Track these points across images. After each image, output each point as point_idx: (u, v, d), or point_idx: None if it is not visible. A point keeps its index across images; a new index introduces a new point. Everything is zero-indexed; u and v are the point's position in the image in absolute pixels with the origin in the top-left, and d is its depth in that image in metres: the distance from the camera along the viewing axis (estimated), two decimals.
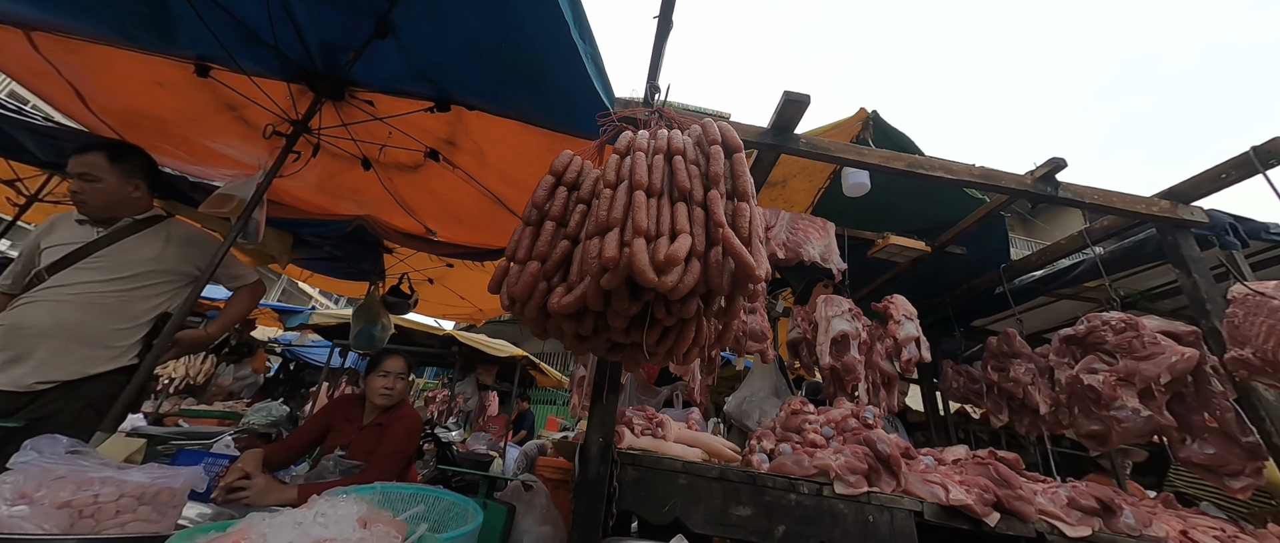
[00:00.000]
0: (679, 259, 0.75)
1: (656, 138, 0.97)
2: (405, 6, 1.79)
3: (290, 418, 6.00)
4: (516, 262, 1.02)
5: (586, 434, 1.26)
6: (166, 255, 1.74)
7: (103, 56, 2.08)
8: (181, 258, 1.79)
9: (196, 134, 2.49)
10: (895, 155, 1.73)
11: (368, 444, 1.88)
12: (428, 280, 4.24)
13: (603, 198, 0.87)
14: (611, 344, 1.01)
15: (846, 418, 1.64)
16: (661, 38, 1.48)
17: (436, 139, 2.51)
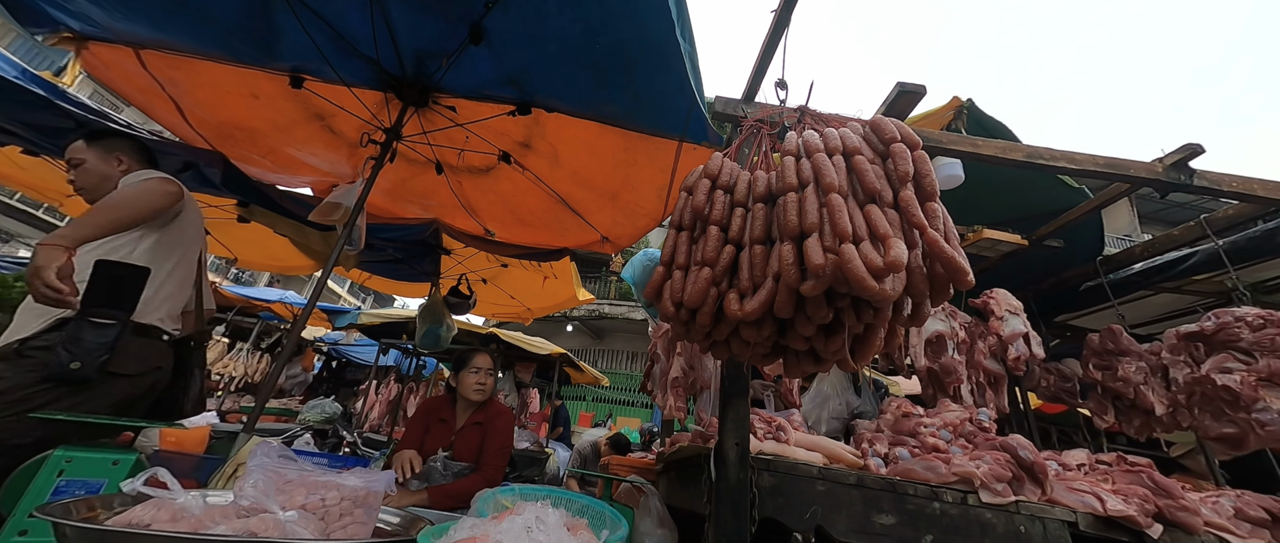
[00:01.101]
0: (901, 265, 0.72)
1: (826, 137, 0.94)
2: (501, 10, 1.80)
3: (344, 415, 6.22)
4: (678, 267, 1.01)
5: (721, 438, 1.25)
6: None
7: (204, 72, 2.16)
8: None
9: (284, 143, 2.57)
10: (1011, 146, 1.65)
11: (471, 443, 1.92)
12: (482, 280, 4.30)
13: (789, 201, 0.85)
14: (775, 349, 0.99)
15: (963, 422, 1.58)
16: (777, 33, 1.45)
17: (512, 142, 2.54)
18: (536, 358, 7.09)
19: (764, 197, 1.01)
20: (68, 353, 1.27)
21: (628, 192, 2.63)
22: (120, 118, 2.41)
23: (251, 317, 7.11)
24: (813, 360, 0.94)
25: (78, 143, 1.57)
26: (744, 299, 0.91)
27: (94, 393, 1.34)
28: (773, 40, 1.46)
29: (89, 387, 1.33)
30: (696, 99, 1.89)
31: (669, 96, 1.96)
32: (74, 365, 1.27)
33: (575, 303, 4.44)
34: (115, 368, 1.36)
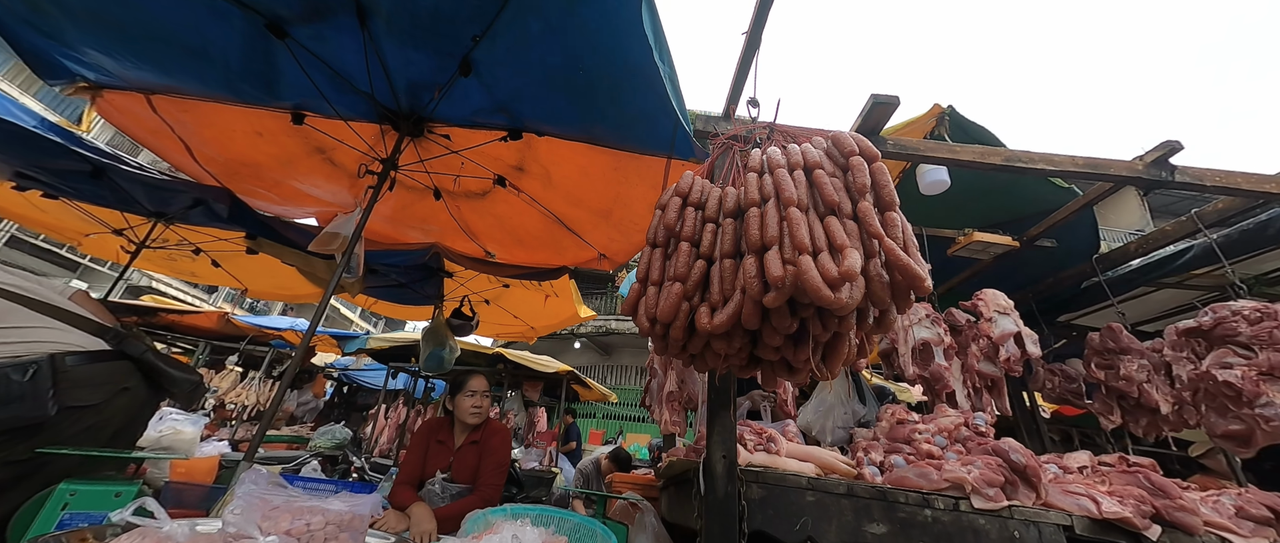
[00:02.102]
0: (855, 274, 0.74)
1: (788, 153, 0.98)
2: (488, 43, 1.88)
3: (354, 441, 6.24)
4: (652, 283, 1.04)
5: (708, 452, 1.26)
6: None
7: (211, 113, 2.27)
8: None
9: (287, 176, 2.66)
10: (990, 150, 1.67)
11: (469, 463, 1.93)
12: (484, 301, 4.36)
13: (752, 217, 0.88)
14: (751, 360, 1.01)
15: (958, 427, 1.57)
16: (749, 54, 1.50)
17: (506, 166, 2.61)
18: (544, 376, 7.09)
19: (733, 212, 1.04)
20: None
21: (621, 209, 2.68)
22: (133, 160, 2.54)
23: (264, 345, 7.23)
24: (786, 370, 0.96)
25: None
26: (714, 313, 0.94)
27: (54, 429, 1.29)
28: (746, 60, 1.51)
29: (50, 427, 1.28)
30: (680, 118, 1.95)
31: (654, 117, 2.01)
32: (11, 412, 1.20)
33: (577, 320, 4.47)
34: (73, 401, 1.32)
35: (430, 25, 1.81)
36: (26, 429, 1.27)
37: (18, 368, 1.25)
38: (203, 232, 3.23)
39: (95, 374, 1.40)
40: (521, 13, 1.74)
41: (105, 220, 3.08)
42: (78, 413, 1.36)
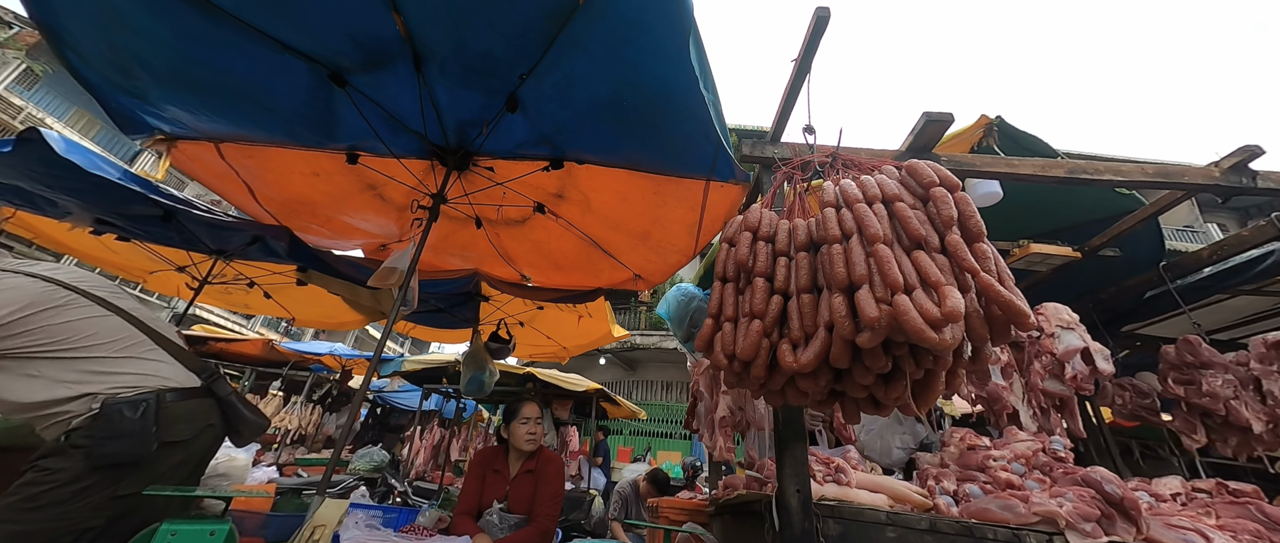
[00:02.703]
0: (960, 315, 0.73)
1: (864, 185, 0.97)
2: (534, 80, 1.94)
3: (392, 463, 6.35)
4: (727, 320, 1.04)
5: (781, 485, 1.23)
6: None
7: (273, 157, 2.41)
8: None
9: (340, 212, 2.79)
10: (1051, 163, 1.63)
11: (525, 493, 1.94)
12: (519, 323, 4.42)
13: (834, 254, 0.87)
14: (831, 395, 1.00)
15: (1036, 453, 1.50)
16: (799, 80, 1.51)
17: (546, 194, 2.67)
18: (573, 395, 7.10)
19: (806, 245, 1.04)
20: (111, 438, 1.25)
21: (659, 231, 2.70)
22: (201, 204, 2.70)
23: (304, 370, 7.48)
24: (872, 406, 0.94)
25: None
26: (797, 350, 0.93)
27: (149, 467, 1.33)
28: (795, 86, 1.52)
29: (146, 463, 1.32)
30: (722, 143, 1.96)
31: (695, 142, 2.04)
32: (117, 449, 1.25)
33: (610, 340, 4.48)
34: (173, 437, 1.36)
35: (481, 67, 1.89)
36: (128, 465, 1.30)
37: (131, 404, 1.30)
38: (258, 266, 3.40)
39: (187, 411, 1.43)
40: (568, 51, 1.79)
41: (170, 259, 3.27)
42: (170, 449, 1.39)
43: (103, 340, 1.37)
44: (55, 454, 1.26)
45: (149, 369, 1.40)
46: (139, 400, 1.32)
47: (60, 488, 1.21)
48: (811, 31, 1.36)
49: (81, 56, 1.76)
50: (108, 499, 1.28)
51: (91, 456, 1.24)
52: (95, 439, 1.24)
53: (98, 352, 1.36)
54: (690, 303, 3.04)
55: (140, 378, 1.38)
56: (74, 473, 1.23)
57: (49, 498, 1.20)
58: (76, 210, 2.60)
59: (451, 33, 1.75)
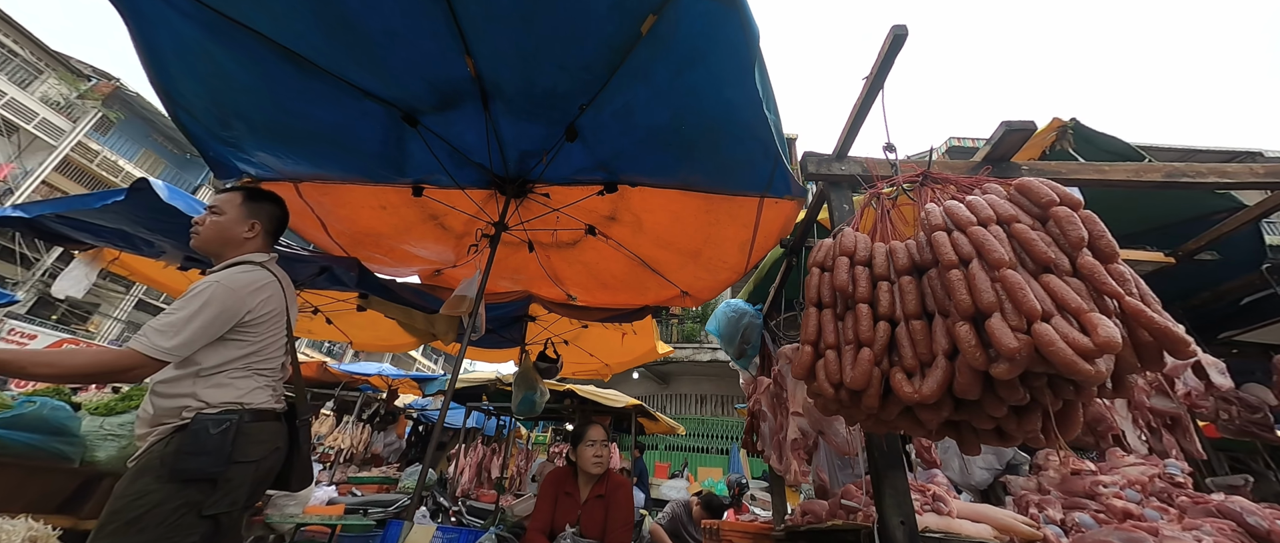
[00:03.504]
0: (1116, 345, 0.70)
1: (975, 207, 0.96)
2: (593, 111, 2.01)
3: (440, 481, 6.47)
4: (828, 347, 1.03)
5: (883, 516, 1.19)
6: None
7: (345, 193, 2.56)
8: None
9: (402, 242, 2.92)
10: (1145, 167, 1.55)
11: (597, 518, 1.95)
12: (563, 342, 4.48)
13: (955, 280, 0.86)
14: (947, 424, 0.97)
15: (1151, 478, 1.40)
16: (871, 97, 1.50)
17: (599, 217, 2.72)
18: (611, 411, 7.11)
19: (908, 269, 1.03)
20: (193, 455, 1.27)
21: (710, 249, 2.71)
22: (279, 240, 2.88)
23: (354, 391, 7.77)
24: (997, 438, 0.91)
25: (232, 194, 1.55)
26: (913, 378, 0.91)
27: (226, 487, 1.34)
28: (866, 103, 1.52)
29: (222, 481, 1.32)
30: (782, 160, 1.97)
31: (753, 161, 2.05)
32: (196, 464, 1.26)
33: (654, 356, 4.48)
34: (241, 457, 1.36)
35: (546, 101, 1.97)
36: (205, 482, 1.30)
37: (216, 422, 1.32)
38: (323, 294, 3.58)
39: (260, 432, 1.43)
40: (629, 80, 1.85)
41: None
42: (241, 468, 1.38)
43: (268, 354, 1.46)
44: (145, 471, 1.27)
45: (251, 386, 1.44)
46: (224, 419, 1.33)
47: (156, 508, 1.22)
48: (887, 50, 1.35)
49: (189, 113, 1.94)
50: (197, 518, 1.28)
51: (173, 469, 1.25)
52: (179, 454, 1.27)
53: (262, 367, 1.45)
54: (741, 319, 3.02)
55: (235, 391, 1.40)
56: (163, 492, 1.24)
57: (154, 517, 1.22)
58: (170, 249, 2.82)
59: (520, 72, 1.84)
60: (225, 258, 1.53)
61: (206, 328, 1.30)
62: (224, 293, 1.36)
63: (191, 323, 1.28)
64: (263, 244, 1.61)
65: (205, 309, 1.30)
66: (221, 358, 1.39)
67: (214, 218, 1.52)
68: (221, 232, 1.51)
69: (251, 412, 1.41)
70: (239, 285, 1.40)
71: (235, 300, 1.37)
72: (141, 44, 1.65)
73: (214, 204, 1.53)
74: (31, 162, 15.06)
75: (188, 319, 1.27)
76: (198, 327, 1.28)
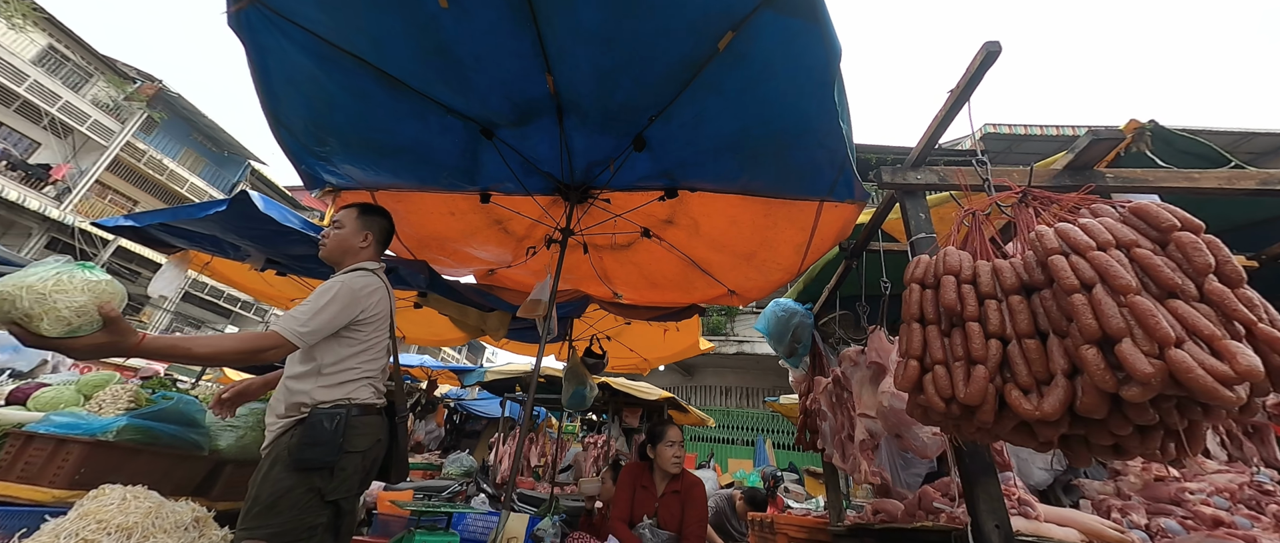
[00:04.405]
0: (1259, 373, 0.75)
1: (1092, 230, 0.99)
2: (662, 121, 2.07)
3: (482, 469, 6.74)
4: (936, 363, 1.09)
5: (977, 520, 1.26)
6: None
7: (417, 200, 2.70)
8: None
9: (466, 245, 3.06)
10: (1238, 173, 1.54)
11: (673, 512, 2.06)
12: (606, 337, 4.61)
13: (1078, 305, 0.90)
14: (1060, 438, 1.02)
15: (1241, 486, 1.42)
16: (954, 109, 1.53)
17: (656, 220, 2.80)
18: (643, 403, 7.26)
19: (1016, 288, 1.07)
20: (311, 446, 1.41)
21: (765, 250, 2.76)
22: None
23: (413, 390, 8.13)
24: (1113, 453, 0.96)
25: (350, 210, 1.71)
26: (1029, 395, 0.97)
27: (341, 474, 1.47)
28: (948, 115, 1.54)
29: (338, 469, 1.46)
30: (848, 167, 2.00)
31: (819, 168, 2.08)
32: (313, 454, 1.40)
33: (695, 352, 4.57)
34: (350, 447, 1.49)
35: (619, 115, 2.04)
36: (321, 470, 1.44)
37: (329, 416, 1.46)
38: None
39: (365, 425, 1.56)
40: (701, 93, 1.90)
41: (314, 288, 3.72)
42: (351, 457, 1.51)
43: (377, 354, 1.61)
44: (277, 462, 1.43)
45: (358, 383, 1.56)
46: (335, 413, 1.47)
47: (288, 491, 1.39)
48: (978, 65, 1.38)
49: (289, 131, 2.08)
50: (321, 502, 1.43)
51: (296, 459, 1.40)
52: (300, 445, 1.42)
53: (370, 366, 1.59)
54: (791, 319, 3.07)
55: (345, 389, 1.54)
56: (292, 480, 1.40)
57: (286, 501, 1.38)
58: (254, 253, 3.02)
59: (597, 89, 1.91)
60: (344, 265, 1.68)
61: (331, 320, 1.46)
62: (346, 293, 1.51)
63: (320, 314, 1.44)
64: (373, 253, 1.76)
65: (331, 304, 1.46)
66: (337, 355, 1.54)
67: (336, 231, 1.67)
68: (342, 243, 1.67)
69: (358, 406, 1.54)
70: (357, 287, 1.56)
71: (354, 300, 1.52)
72: (257, 72, 1.78)
73: (336, 219, 1.70)
74: (86, 161, 15.91)
75: (318, 311, 1.43)
76: (325, 318, 1.44)
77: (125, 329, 1.06)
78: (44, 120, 14.76)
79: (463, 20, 1.63)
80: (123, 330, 1.05)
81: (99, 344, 1.04)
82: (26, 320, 0.94)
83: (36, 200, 13.94)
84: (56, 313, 0.96)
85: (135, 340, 1.08)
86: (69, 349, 1.02)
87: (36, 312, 0.95)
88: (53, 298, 0.96)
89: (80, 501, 1.25)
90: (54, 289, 0.97)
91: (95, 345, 1.03)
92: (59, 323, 0.97)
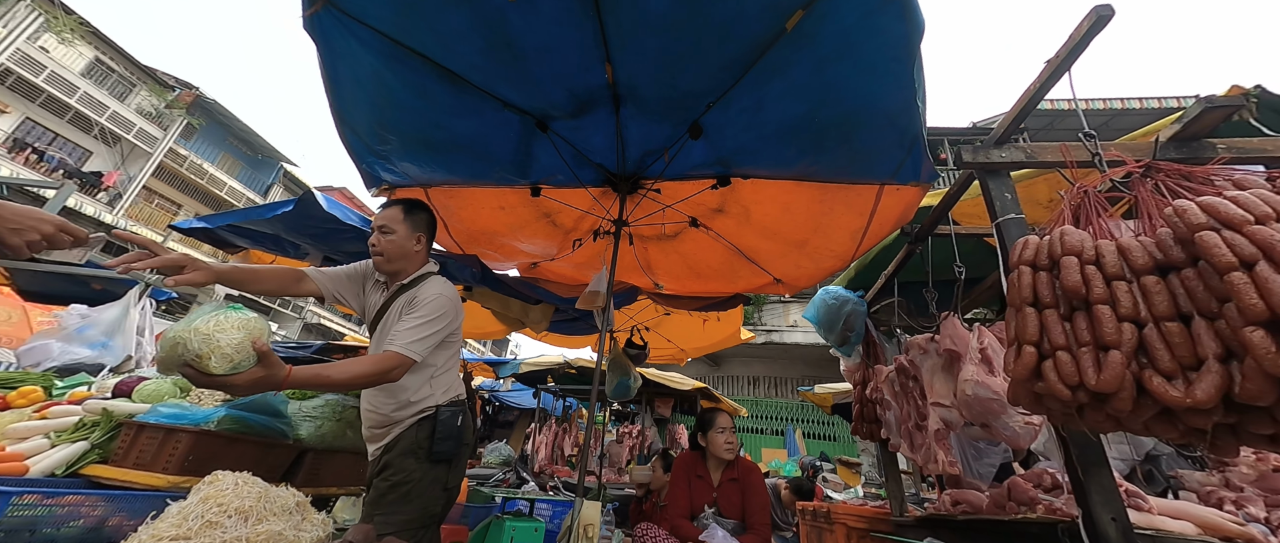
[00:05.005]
0: None
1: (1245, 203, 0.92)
2: (721, 108, 2.02)
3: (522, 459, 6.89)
4: (1059, 349, 1.03)
5: (1091, 512, 1.20)
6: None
7: (469, 196, 2.73)
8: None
9: (514, 239, 3.09)
10: None
11: (733, 500, 2.06)
12: (645, 328, 4.61)
13: (1239, 283, 0.84)
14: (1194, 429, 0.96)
15: None
16: (1050, 82, 1.44)
17: (706, 209, 2.76)
18: (675, 393, 7.28)
19: (1149, 268, 1.01)
20: (443, 440, 1.53)
21: (819, 237, 2.69)
22: None
23: None
24: (1270, 444, 0.89)
25: (395, 210, 1.68)
26: (1174, 381, 0.91)
27: (458, 465, 1.63)
28: (1043, 88, 1.46)
29: (456, 460, 1.61)
30: (917, 148, 1.92)
31: (885, 151, 2.01)
32: (445, 448, 1.53)
33: (736, 341, 4.53)
34: (466, 440, 1.64)
35: (678, 102, 2.00)
36: (448, 462, 1.57)
37: (451, 412, 1.59)
38: None
39: (469, 420, 1.70)
40: (764, 76, 1.84)
41: None
42: (465, 449, 1.65)
43: (458, 350, 1.73)
44: (408, 454, 1.54)
45: (457, 381, 1.71)
46: (455, 411, 1.61)
47: (420, 481, 1.51)
48: (1086, 31, 1.29)
49: (354, 131, 2.12)
50: (442, 490, 1.57)
51: (432, 453, 1.52)
52: (434, 439, 1.54)
53: (456, 362, 1.71)
54: (843, 307, 3.00)
55: (458, 387, 1.70)
56: (423, 470, 1.52)
57: (418, 490, 1.50)
58: (312, 250, 3.11)
59: (658, 77, 1.88)
60: (404, 271, 1.71)
61: (440, 334, 1.53)
62: (451, 305, 1.59)
63: (434, 331, 1.50)
64: (427, 252, 1.78)
65: (440, 318, 1.52)
66: (442, 357, 1.65)
67: (388, 238, 1.66)
68: (399, 248, 1.67)
69: (463, 403, 1.68)
70: (453, 295, 1.64)
71: (454, 309, 1.61)
72: (327, 72, 1.81)
73: (382, 224, 1.66)
74: (133, 167, 16.72)
75: (431, 328, 1.49)
76: (436, 332, 1.50)
77: (276, 363, 1.09)
78: (94, 130, 15.56)
79: (529, 12, 1.62)
80: (274, 364, 1.09)
81: (257, 379, 1.07)
82: (197, 361, 0.98)
83: (91, 206, 14.76)
84: (221, 351, 1.00)
85: (284, 374, 1.11)
86: (230, 386, 1.04)
87: (205, 351, 0.99)
88: (216, 338, 1.00)
89: (196, 486, 1.31)
90: (215, 329, 1.01)
91: (253, 381, 1.06)
92: (224, 361, 1.01)
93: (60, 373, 2.28)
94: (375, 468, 1.58)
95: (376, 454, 1.60)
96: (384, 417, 1.57)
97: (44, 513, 1.26)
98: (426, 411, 1.56)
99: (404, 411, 1.56)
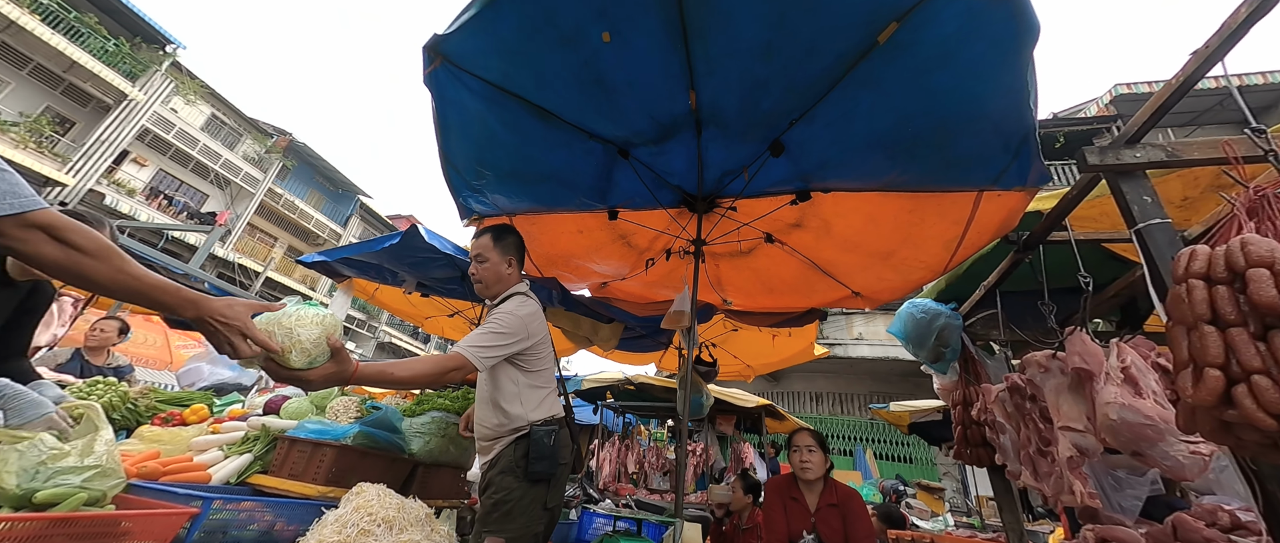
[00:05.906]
0: None
1: None
2: (804, 124, 2.00)
3: (587, 475, 6.97)
4: (1255, 372, 0.92)
5: None
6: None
7: (550, 222, 2.87)
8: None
9: (590, 261, 3.20)
10: None
11: (834, 527, 1.97)
12: (712, 344, 4.57)
13: None
14: None
15: None
16: (1199, 73, 1.31)
17: (782, 225, 2.72)
18: (738, 410, 7.10)
19: None
20: (538, 459, 1.57)
21: (907, 248, 2.57)
22: None
23: None
24: None
25: (485, 239, 1.79)
26: None
27: (557, 485, 1.66)
28: (1190, 80, 1.33)
29: (555, 481, 1.65)
30: (1029, 150, 1.80)
31: (986, 156, 1.90)
32: (541, 468, 1.56)
33: (808, 357, 4.38)
34: (563, 460, 1.67)
35: (761, 122, 2.02)
36: (545, 481, 1.62)
37: (546, 431, 1.63)
38: None
39: (564, 438, 1.72)
40: (852, 89, 1.81)
41: (452, 307, 4.11)
42: (563, 468, 1.68)
43: (549, 368, 1.77)
44: (507, 473, 1.60)
45: (552, 400, 1.75)
46: (549, 430, 1.64)
47: (520, 500, 1.56)
48: (1246, 16, 1.17)
49: (455, 168, 2.32)
50: (542, 509, 1.61)
51: (528, 473, 1.57)
52: (530, 459, 1.58)
53: (547, 380, 1.75)
54: (935, 321, 2.82)
55: (552, 406, 1.73)
56: (522, 489, 1.57)
57: (519, 508, 1.55)
58: (408, 278, 3.40)
59: (743, 100, 1.90)
60: (500, 294, 1.83)
61: (504, 347, 1.60)
62: (515, 322, 1.65)
63: (501, 343, 1.59)
64: (519, 274, 1.90)
65: (508, 332, 1.61)
66: (530, 378, 1.70)
67: (484, 266, 1.79)
68: (494, 274, 1.79)
69: (558, 421, 1.71)
70: (524, 314, 1.70)
71: (522, 327, 1.66)
72: (439, 120, 2.00)
73: (478, 253, 1.80)
74: (241, 207, 19.08)
75: (497, 339, 1.58)
76: (504, 344, 1.59)
77: (347, 358, 1.13)
78: (210, 176, 17.97)
79: (622, 49, 1.71)
80: (345, 359, 1.12)
81: (330, 374, 1.09)
82: (279, 355, 1.00)
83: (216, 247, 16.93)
84: (301, 345, 1.02)
85: (353, 369, 1.15)
86: (306, 380, 1.06)
87: (287, 345, 1.01)
88: (297, 333, 1.02)
89: (346, 496, 1.45)
90: (296, 324, 1.03)
91: (326, 375, 1.09)
92: (303, 355, 1.03)
93: (216, 392, 2.62)
94: (482, 484, 1.67)
95: (483, 470, 1.69)
96: (488, 431, 1.66)
97: (230, 517, 1.44)
98: (521, 428, 1.61)
99: (502, 427, 1.63)
